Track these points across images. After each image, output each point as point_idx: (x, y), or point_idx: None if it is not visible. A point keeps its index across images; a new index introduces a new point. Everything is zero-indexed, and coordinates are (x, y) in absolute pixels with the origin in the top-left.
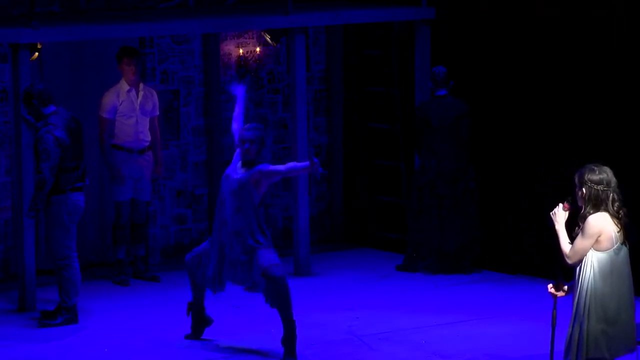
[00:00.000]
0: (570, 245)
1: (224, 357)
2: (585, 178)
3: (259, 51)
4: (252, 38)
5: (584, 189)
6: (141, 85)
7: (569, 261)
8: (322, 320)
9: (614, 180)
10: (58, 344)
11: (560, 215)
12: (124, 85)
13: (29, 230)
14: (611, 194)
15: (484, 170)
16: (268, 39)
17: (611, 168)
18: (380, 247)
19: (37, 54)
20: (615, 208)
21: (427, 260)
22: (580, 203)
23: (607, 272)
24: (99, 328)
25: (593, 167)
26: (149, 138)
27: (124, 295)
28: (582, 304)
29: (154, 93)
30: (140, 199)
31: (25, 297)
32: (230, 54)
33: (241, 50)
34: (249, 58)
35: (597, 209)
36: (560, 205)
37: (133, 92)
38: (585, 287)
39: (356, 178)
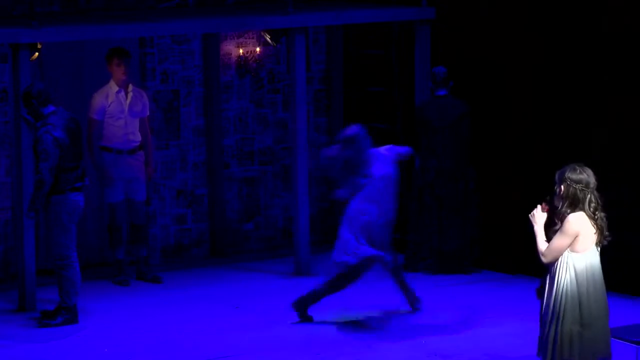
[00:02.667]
0: (547, 244)
1: (224, 357)
2: (565, 176)
3: (259, 51)
4: (252, 38)
5: (562, 186)
6: (130, 86)
7: (544, 259)
8: (322, 320)
9: (593, 181)
10: (58, 344)
11: (539, 217)
12: (113, 87)
13: (29, 230)
14: (589, 195)
15: (484, 170)
16: (268, 39)
17: (611, 169)
18: None
19: (37, 54)
20: (591, 209)
21: (427, 260)
22: (557, 201)
23: (583, 274)
24: (99, 328)
25: (575, 166)
26: (139, 139)
27: (124, 295)
28: (557, 305)
29: (144, 94)
30: (136, 199)
31: (25, 297)
32: (230, 54)
33: (241, 50)
34: (249, 58)
35: (573, 208)
36: (539, 206)
37: (122, 93)
38: (561, 288)
39: None
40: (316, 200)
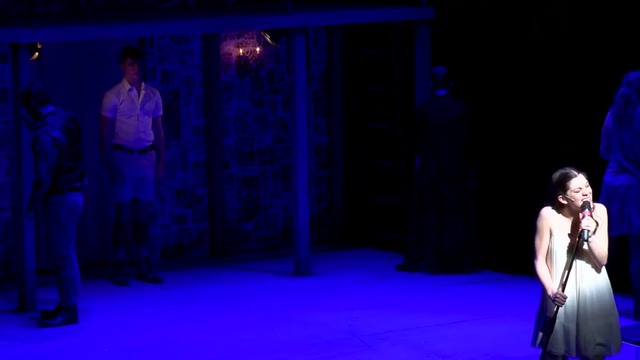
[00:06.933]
0: (605, 249)
1: (224, 357)
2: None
3: (259, 51)
4: (252, 38)
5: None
6: (143, 85)
7: (605, 262)
8: (322, 320)
9: None
10: (58, 344)
11: (593, 223)
12: (125, 85)
13: (28, 230)
14: None
15: (484, 171)
16: (268, 39)
17: None
18: (380, 247)
19: (37, 54)
20: None
21: (427, 260)
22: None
23: None
24: (99, 328)
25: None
26: (151, 138)
27: (124, 295)
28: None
29: (157, 93)
30: (142, 199)
31: (25, 297)
32: (230, 54)
33: (241, 50)
34: (249, 58)
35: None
36: (586, 216)
37: (134, 91)
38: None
39: (356, 178)
40: (316, 200)
